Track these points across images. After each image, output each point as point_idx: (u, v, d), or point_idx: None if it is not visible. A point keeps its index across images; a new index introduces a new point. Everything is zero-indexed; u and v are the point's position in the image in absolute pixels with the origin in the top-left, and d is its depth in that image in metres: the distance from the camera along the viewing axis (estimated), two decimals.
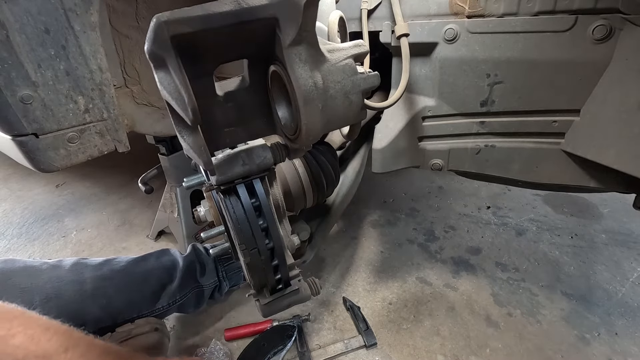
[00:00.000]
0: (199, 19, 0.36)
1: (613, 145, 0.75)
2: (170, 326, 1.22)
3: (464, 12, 0.82)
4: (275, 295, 0.63)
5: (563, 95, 0.80)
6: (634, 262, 1.44)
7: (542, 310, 1.25)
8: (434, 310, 1.27)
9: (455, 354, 1.11)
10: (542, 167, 0.90)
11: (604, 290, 1.32)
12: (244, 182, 0.55)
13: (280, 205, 0.65)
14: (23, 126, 0.61)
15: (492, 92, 0.87)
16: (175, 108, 0.38)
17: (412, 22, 0.87)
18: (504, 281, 1.38)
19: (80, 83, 0.65)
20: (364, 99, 0.53)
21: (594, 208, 1.79)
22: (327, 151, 1.04)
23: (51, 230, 1.80)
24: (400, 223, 1.74)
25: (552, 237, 1.60)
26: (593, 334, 1.16)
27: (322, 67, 0.46)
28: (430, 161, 1.01)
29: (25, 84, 0.59)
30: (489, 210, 1.81)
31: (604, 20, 0.70)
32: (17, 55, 0.57)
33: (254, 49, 0.46)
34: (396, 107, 0.97)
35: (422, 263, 1.48)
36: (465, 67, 0.87)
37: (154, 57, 0.36)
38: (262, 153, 0.55)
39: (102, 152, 0.72)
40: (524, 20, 0.77)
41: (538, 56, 0.79)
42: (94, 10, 0.63)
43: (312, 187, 0.97)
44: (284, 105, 0.52)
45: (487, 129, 0.92)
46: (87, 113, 0.68)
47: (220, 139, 0.53)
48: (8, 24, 0.55)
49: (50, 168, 0.67)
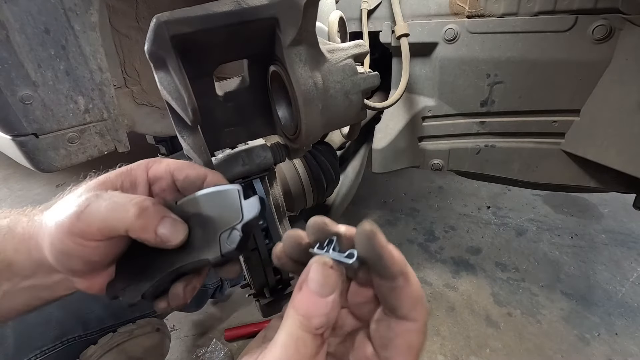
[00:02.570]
0: (199, 19, 0.36)
1: (613, 145, 0.75)
2: (170, 326, 1.22)
3: (464, 12, 0.82)
4: (275, 295, 0.63)
5: (563, 95, 0.80)
6: (634, 262, 1.44)
7: (542, 310, 1.25)
8: (434, 310, 1.27)
9: (455, 354, 1.11)
10: (542, 167, 0.90)
11: (604, 290, 1.32)
12: (244, 182, 0.55)
13: (280, 205, 0.65)
14: (23, 126, 0.61)
15: (492, 92, 0.87)
16: (175, 108, 0.38)
17: (412, 22, 0.87)
18: (504, 281, 1.38)
19: (80, 83, 0.65)
20: (364, 99, 0.53)
21: (594, 208, 1.79)
22: (327, 151, 1.04)
23: None
24: (400, 223, 1.74)
25: (552, 237, 1.60)
26: (593, 334, 1.16)
27: (322, 67, 0.46)
28: (430, 161, 1.01)
29: (25, 84, 0.59)
30: (489, 210, 1.81)
31: (604, 20, 0.70)
32: (17, 55, 0.57)
33: (254, 49, 0.46)
34: (396, 107, 0.97)
35: (422, 263, 1.48)
36: (465, 67, 0.87)
37: (154, 57, 0.36)
38: (262, 153, 0.55)
39: (102, 152, 0.72)
40: (524, 20, 0.77)
41: (538, 56, 0.79)
42: (94, 10, 0.63)
43: (312, 187, 0.98)
44: (284, 105, 0.52)
45: (487, 129, 0.92)
46: (87, 113, 0.68)
47: (220, 139, 0.53)
48: (8, 24, 0.55)
49: (50, 168, 0.67)
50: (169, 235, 0.35)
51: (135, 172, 0.39)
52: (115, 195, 0.35)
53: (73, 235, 0.33)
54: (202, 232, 0.37)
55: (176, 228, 0.35)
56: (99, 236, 0.34)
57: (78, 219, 0.33)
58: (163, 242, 0.35)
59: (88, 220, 0.33)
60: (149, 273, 0.37)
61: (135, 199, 0.34)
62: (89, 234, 0.33)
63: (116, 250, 0.37)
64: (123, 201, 0.34)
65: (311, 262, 0.28)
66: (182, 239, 0.35)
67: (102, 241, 0.34)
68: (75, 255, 0.34)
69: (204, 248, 0.36)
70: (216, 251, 0.35)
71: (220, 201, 0.37)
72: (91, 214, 0.33)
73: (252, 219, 0.35)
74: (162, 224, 0.35)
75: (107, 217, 0.33)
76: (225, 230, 0.35)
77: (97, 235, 0.34)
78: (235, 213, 0.36)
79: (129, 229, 0.34)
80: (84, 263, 0.35)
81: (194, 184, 0.40)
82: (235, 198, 0.36)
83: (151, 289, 0.36)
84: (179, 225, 0.36)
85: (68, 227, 0.33)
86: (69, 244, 0.33)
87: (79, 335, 0.78)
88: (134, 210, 0.33)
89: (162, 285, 0.37)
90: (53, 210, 0.36)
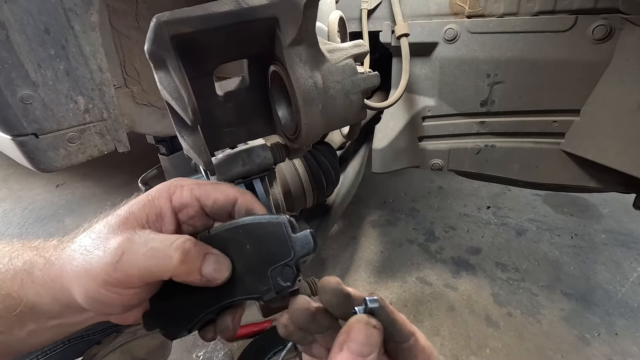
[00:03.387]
0: (199, 19, 0.36)
1: (613, 145, 0.75)
2: None
3: (464, 12, 0.82)
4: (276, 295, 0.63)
5: (563, 95, 0.80)
6: (634, 262, 1.43)
7: (542, 310, 1.25)
8: (434, 310, 1.27)
9: (455, 354, 1.11)
10: (542, 167, 0.90)
11: (604, 290, 1.32)
12: (244, 182, 0.55)
13: (280, 205, 0.65)
14: (23, 126, 0.61)
15: (492, 92, 0.87)
16: (175, 108, 0.38)
17: (412, 22, 0.87)
18: (504, 281, 1.37)
19: (80, 83, 0.65)
20: (364, 99, 0.53)
21: (594, 208, 1.79)
22: (327, 151, 1.04)
23: (51, 230, 1.80)
24: (400, 223, 1.74)
25: (552, 237, 1.60)
26: (593, 334, 1.16)
27: (322, 67, 0.46)
28: (430, 161, 1.01)
29: (25, 84, 0.59)
30: (489, 210, 1.80)
31: (604, 20, 0.70)
32: (17, 55, 0.57)
33: (254, 48, 0.46)
34: (396, 107, 0.97)
35: (422, 263, 1.48)
36: (465, 67, 0.87)
37: (154, 57, 0.36)
38: (262, 153, 0.55)
39: (102, 152, 0.72)
40: (524, 20, 0.77)
41: (538, 56, 0.79)
42: (94, 10, 0.63)
43: (312, 187, 0.98)
44: (284, 105, 0.52)
45: (487, 129, 0.92)
46: (87, 113, 0.68)
47: (220, 139, 0.53)
48: (8, 24, 0.55)
49: (50, 168, 0.67)
50: (214, 274, 0.33)
51: (158, 202, 0.37)
52: (150, 239, 0.33)
53: (110, 285, 0.32)
54: (247, 266, 0.35)
55: (220, 266, 0.34)
56: (139, 284, 0.33)
57: (115, 269, 0.31)
58: (209, 281, 0.33)
59: (126, 270, 0.31)
60: (193, 307, 0.35)
61: (175, 243, 0.32)
62: (127, 283, 0.32)
63: (154, 290, 0.35)
64: (162, 246, 0.32)
65: (352, 322, 0.29)
66: (227, 276, 0.34)
67: (140, 289, 0.33)
68: (112, 304, 0.33)
69: (254, 284, 0.35)
70: (269, 289, 0.34)
71: (265, 233, 0.35)
72: (129, 264, 0.32)
73: (304, 255, 0.34)
74: (205, 263, 0.33)
75: (148, 265, 0.32)
76: (276, 267, 0.34)
77: (136, 283, 0.32)
78: (283, 247, 0.34)
79: (173, 275, 0.32)
80: (122, 308, 0.34)
81: (224, 209, 0.38)
82: (281, 231, 0.35)
83: (197, 323, 0.36)
84: (223, 263, 0.34)
85: (104, 278, 0.32)
86: (106, 294, 0.32)
87: (82, 336, 0.78)
88: (177, 256, 0.32)
89: (207, 318, 0.36)
90: (77, 253, 0.34)
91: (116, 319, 0.37)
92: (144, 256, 0.32)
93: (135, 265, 0.32)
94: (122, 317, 0.37)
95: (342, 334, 0.28)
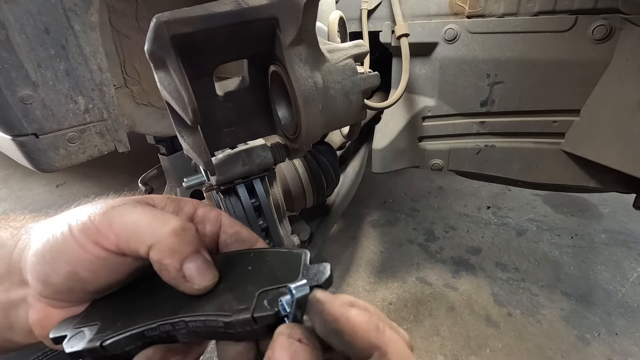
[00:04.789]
0: (199, 19, 0.36)
1: (613, 145, 0.75)
2: None
3: (464, 12, 0.82)
4: None
5: (563, 95, 0.80)
6: (634, 262, 1.44)
7: (542, 310, 1.25)
8: (433, 310, 1.27)
9: (455, 354, 1.11)
10: (542, 167, 0.90)
11: (604, 290, 1.32)
12: (244, 182, 0.55)
13: (280, 205, 0.65)
14: (23, 126, 0.61)
15: (492, 92, 0.87)
16: (175, 108, 0.38)
17: (412, 22, 0.87)
18: (504, 281, 1.37)
19: (80, 83, 0.65)
20: (364, 99, 0.53)
21: (594, 208, 1.79)
22: (327, 151, 1.04)
23: None
24: (400, 223, 1.74)
25: (552, 237, 1.60)
26: (593, 334, 1.16)
27: (322, 67, 0.46)
28: (430, 161, 1.01)
29: (25, 84, 0.59)
30: (489, 210, 1.81)
31: (604, 20, 0.70)
32: (17, 55, 0.57)
33: (254, 49, 0.46)
34: (396, 107, 0.97)
35: (422, 263, 1.48)
36: (465, 67, 0.87)
37: (154, 57, 0.36)
38: (262, 153, 0.55)
39: (102, 152, 0.72)
40: (524, 20, 0.77)
41: (538, 56, 0.79)
42: (94, 10, 0.63)
43: (312, 187, 0.98)
44: (284, 105, 0.52)
45: (487, 129, 0.92)
46: (87, 113, 0.68)
47: (220, 139, 0.53)
48: (8, 24, 0.55)
49: (50, 168, 0.67)
50: (194, 274, 0.28)
51: (182, 202, 0.35)
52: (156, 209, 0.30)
53: (80, 232, 0.27)
54: (235, 284, 0.29)
55: (206, 269, 0.29)
56: (111, 245, 0.28)
57: (103, 214, 0.28)
58: (184, 280, 0.28)
59: (111, 219, 0.28)
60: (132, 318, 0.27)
61: (176, 217, 0.29)
62: (101, 237, 0.27)
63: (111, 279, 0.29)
64: (162, 213, 0.30)
65: (276, 335, 0.23)
66: (206, 286, 0.28)
67: (107, 254, 0.28)
68: (64, 260, 0.27)
69: (228, 301, 0.27)
70: (245, 308, 0.25)
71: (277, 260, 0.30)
72: (119, 214, 0.28)
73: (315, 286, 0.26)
74: (191, 258, 0.28)
75: (138, 222, 0.28)
76: (270, 289, 0.26)
77: (109, 242, 0.27)
78: (290, 272, 0.28)
79: (154, 245, 0.27)
80: (67, 276, 0.28)
81: (241, 245, 0.35)
82: (297, 259, 0.29)
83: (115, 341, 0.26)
84: (210, 269, 0.29)
85: (82, 222, 0.28)
86: (67, 243, 0.28)
87: None
88: (173, 224, 0.28)
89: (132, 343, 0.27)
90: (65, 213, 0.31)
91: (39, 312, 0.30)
92: (139, 213, 0.28)
93: (124, 219, 0.28)
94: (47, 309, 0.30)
95: (269, 350, 0.23)
